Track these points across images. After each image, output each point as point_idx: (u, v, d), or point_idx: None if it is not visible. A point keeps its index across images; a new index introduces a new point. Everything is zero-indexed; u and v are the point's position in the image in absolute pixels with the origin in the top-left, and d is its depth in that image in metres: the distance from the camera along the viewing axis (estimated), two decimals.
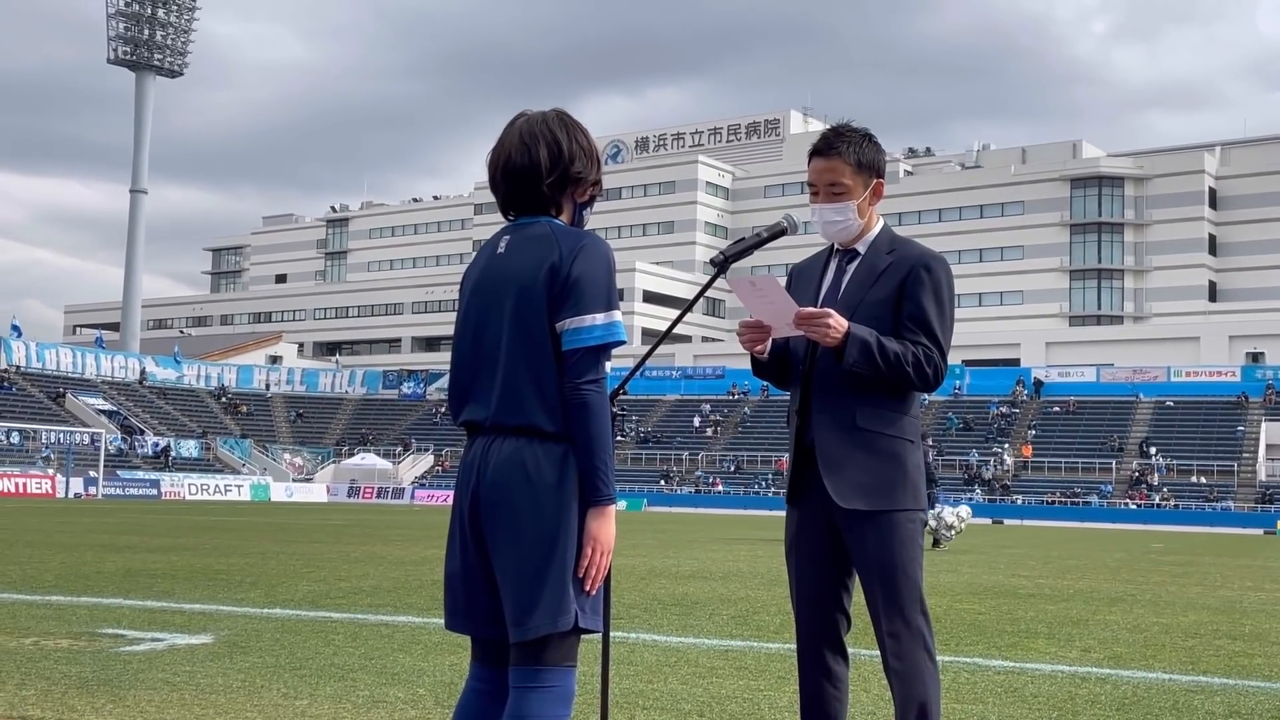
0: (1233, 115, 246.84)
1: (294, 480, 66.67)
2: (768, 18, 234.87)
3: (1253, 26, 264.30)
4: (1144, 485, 58.95)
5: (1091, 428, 65.06)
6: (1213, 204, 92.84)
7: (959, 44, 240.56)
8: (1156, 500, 57.63)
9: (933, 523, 22.20)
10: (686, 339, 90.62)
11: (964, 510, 23.15)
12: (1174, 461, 60.44)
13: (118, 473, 56.70)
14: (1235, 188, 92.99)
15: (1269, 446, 60.45)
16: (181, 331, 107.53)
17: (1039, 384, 69.06)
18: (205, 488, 57.60)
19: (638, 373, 4.25)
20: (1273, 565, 20.75)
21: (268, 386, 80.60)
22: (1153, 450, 61.26)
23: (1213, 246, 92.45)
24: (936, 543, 22.66)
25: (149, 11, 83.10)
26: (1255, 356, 73.37)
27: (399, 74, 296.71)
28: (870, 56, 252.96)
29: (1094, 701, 5.95)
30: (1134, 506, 56.80)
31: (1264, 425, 61.46)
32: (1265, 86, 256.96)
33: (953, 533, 22.82)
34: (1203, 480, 58.83)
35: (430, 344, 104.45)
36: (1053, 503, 58.34)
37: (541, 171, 3.04)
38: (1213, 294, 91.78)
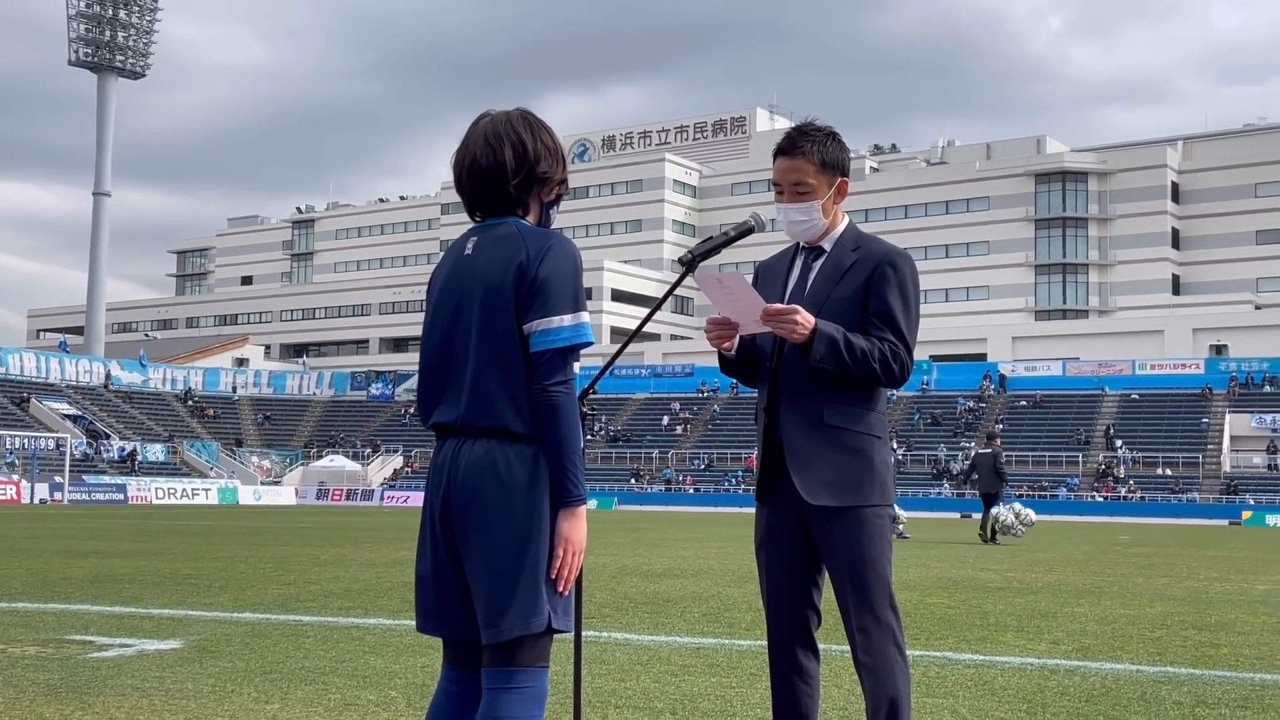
0: (1188, 110, 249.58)
1: (262, 483, 66.30)
2: (726, 15, 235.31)
3: (1206, 21, 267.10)
4: (1110, 478, 59.44)
5: (1058, 421, 65.53)
6: (1175, 198, 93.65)
7: (917, 41, 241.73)
8: (1123, 492, 58.11)
9: (1010, 518, 23.10)
10: (656, 337, 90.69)
11: (1028, 513, 23.66)
12: (1139, 454, 60.97)
13: (83, 478, 56.22)
14: (1197, 182, 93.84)
15: (1233, 438, 61.08)
16: (146, 335, 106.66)
17: (1005, 378, 69.51)
18: (172, 492, 57.18)
19: (607, 372, 4.26)
20: (1238, 556, 20.97)
21: (234, 389, 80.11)
22: (1118, 443, 61.77)
23: (1176, 240, 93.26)
24: (994, 537, 23.27)
25: (110, 13, 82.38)
26: (1219, 349, 74.12)
27: (358, 74, 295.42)
28: (830, 54, 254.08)
29: (1063, 693, 6.00)
30: (1100, 499, 57.28)
31: (1228, 417, 62.09)
32: (1219, 80, 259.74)
33: (1014, 532, 23.52)
34: (1168, 472, 59.37)
35: (398, 345, 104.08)
36: (1020, 496, 58.68)
37: (507, 172, 3.03)
38: (1176, 287, 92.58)
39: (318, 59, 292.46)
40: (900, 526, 24.62)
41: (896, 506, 23.44)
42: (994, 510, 23.29)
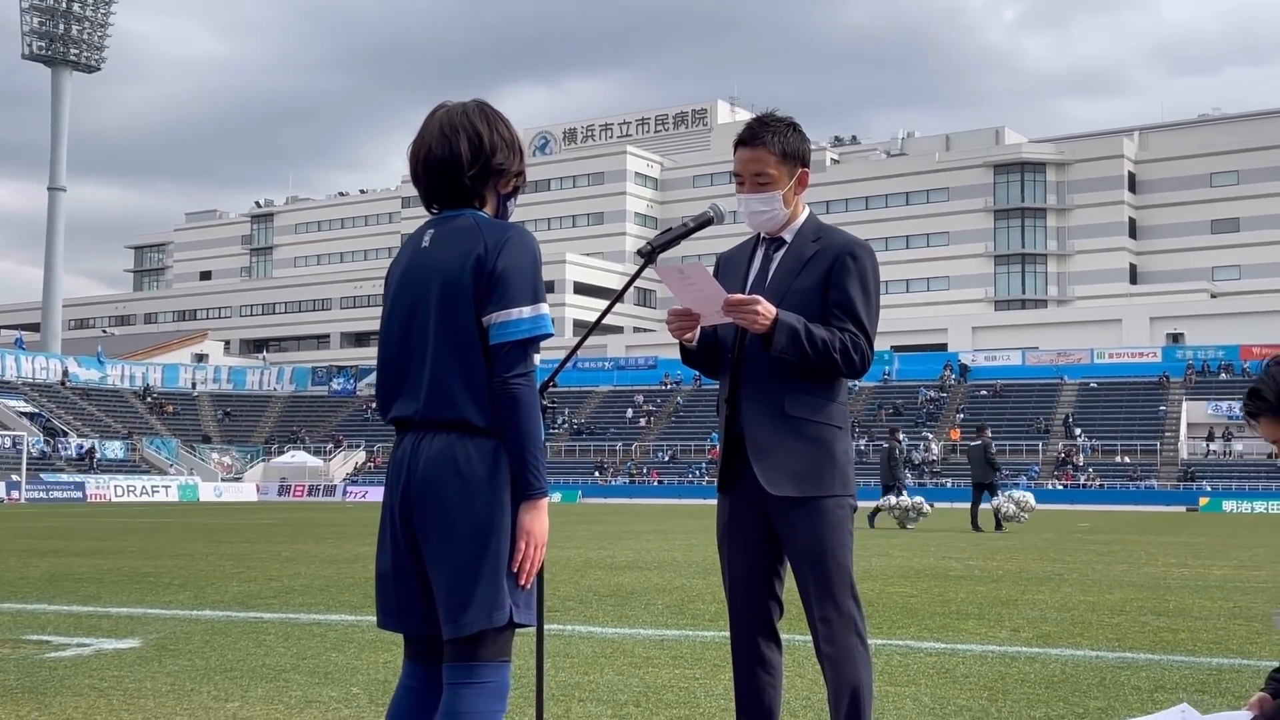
0: (1141, 101, 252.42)
1: (223, 480, 65.82)
2: (685, 8, 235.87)
3: (1158, 13, 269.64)
4: (1070, 466, 59.95)
5: (1018, 410, 66.03)
6: (1132, 188, 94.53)
7: (872, 34, 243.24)
8: (1082, 480, 58.62)
9: (1011, 507, 24.00)
10: (618, 330, 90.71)
11: (1027, 499, 24.71)
12: (1098, 442, 61.53)
13: (41, 476, 55.61)
14: (1153, 172, 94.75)
15: (1190, 425, 61.75)
16: (104, 331, 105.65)
17: (966, 368, 69.96)
18: (132, 489, 56.68)
19: (569, 364, 4.24)
20: (1195, 542, 21.20)
21: (194, 385, 79.49)
22: (1078, 431, 62.31)
23: (1133, 230, 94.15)
24: (998, 526, 24.11)
25: (64, 6, 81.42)
26: (1175, 337, 74.90)
27: (316, 68, 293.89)
28: (787, 47, 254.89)
29: (1024, 680, 6.04)
30: (1060, 487, 57.74)
31: (1185, 404, 62.75)
32: (1171, 72, 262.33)
33: (1018, 519, 24.44)
34: (1127, 460, 59.95)
35: (360, 339, 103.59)
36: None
37: (463, 163, 3.01)
38: (1133, 277, 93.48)
39: (275, 53, 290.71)
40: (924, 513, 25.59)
41: (925, 502, 25.28)
42: (995, 501, 24.24)
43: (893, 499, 25.34)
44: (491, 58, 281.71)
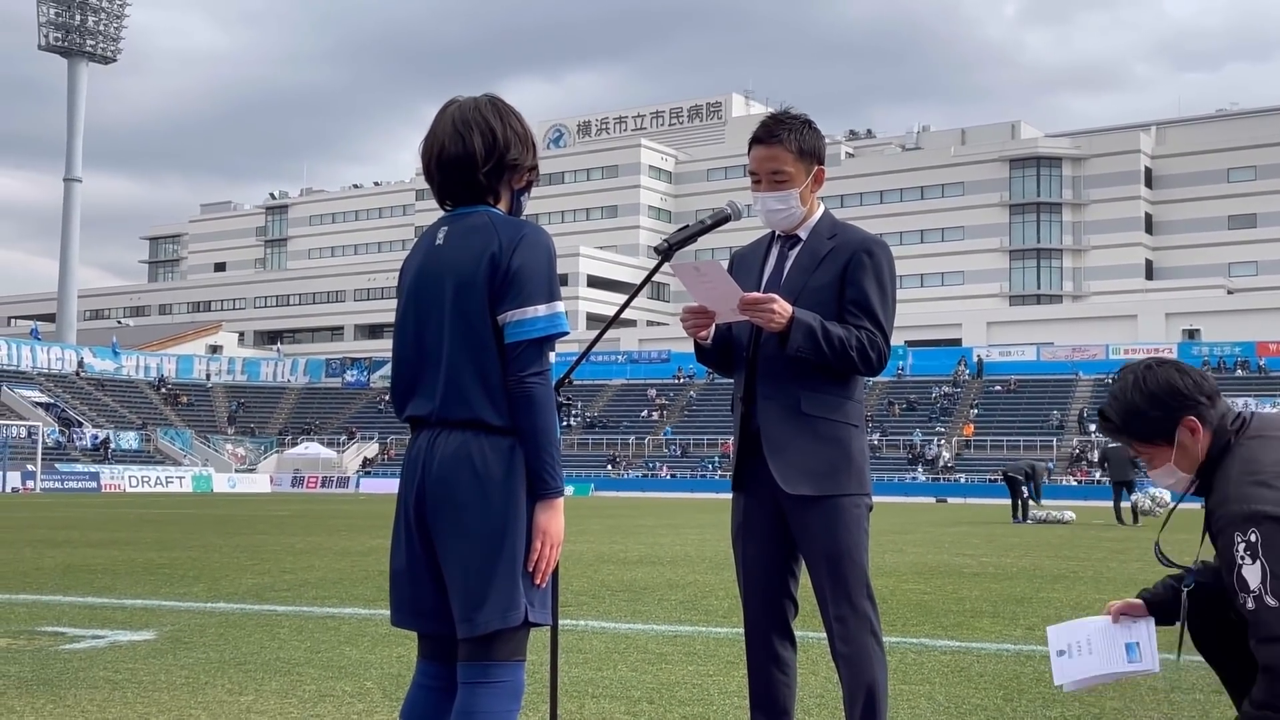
0: (1144, 97, 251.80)
1: (237, 471, 66.03)
2: (685, 2, 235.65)
3: (1160, 8, 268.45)
4: (1084, 462, 59.75)
5: (1032, 406, 65.84)
6: (1148, 183, 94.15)
7: (872, 28, 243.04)
8: (1097, 476, 58.41)
9: (1148, 503, 25.53)
10: (632, 324, 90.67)
11: (1163, 495, 25.86)
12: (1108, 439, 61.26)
13: (56, 466, 55.88)
14: (1170, 167, 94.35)
15: None
16: (119, 322, 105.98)
17: (980, 363, 69.77)
18: (146, 480, 56.90)
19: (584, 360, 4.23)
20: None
21: (208, 376, 79.74)
22: (1092, 427, 62.10)
23: (1149, 225, 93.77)
24: (1135, 520, 25.72)
25: None
26: (1191, 333, 74.60)
27: (317, 61, 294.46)
28: (786, 41, 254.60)
29: (1039, 679, 6.02)
30: (1075, 483, 57.56)
31: None
32: (1175, 67, 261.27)
33: (1153, 513, 25.74)
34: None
35: (373, 331, 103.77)
36: (994, 481, 58.92)
37: (477, 160, 2.99)
38: (1149, 272, 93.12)
39: (276, 45, 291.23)
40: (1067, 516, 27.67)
41: (1149, 492, 26.43)
42: (1134, 496, 25.94)
43: (1140, 496, 26.67)
44: (492, 51, 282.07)
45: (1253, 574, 2.92)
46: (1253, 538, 2.94)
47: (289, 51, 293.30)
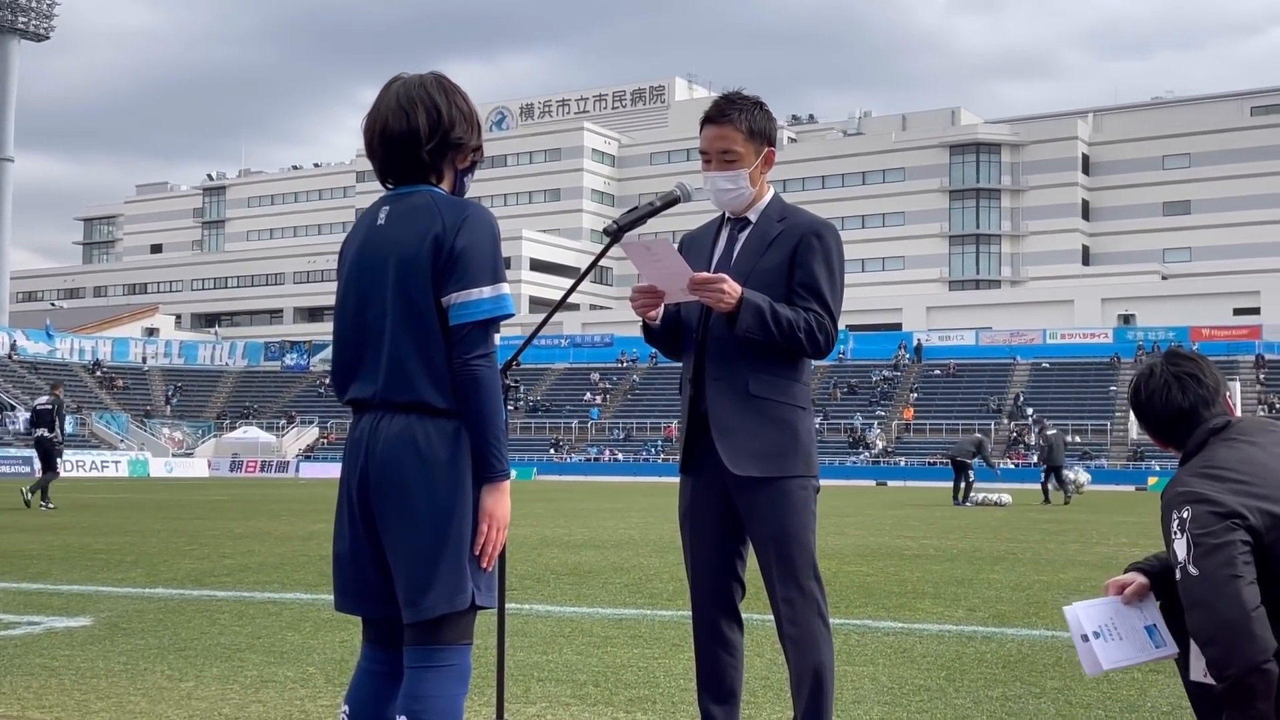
0: (1073, 84, 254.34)
1: (174, 455, 65.18)
2: None
3: None
4: (1021, 445, 60.48)
5: (971, 390, 66.52)
6: (1085, 170, 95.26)
7: (806, 13, 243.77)
8: (1034, 459, 59.14)
9: (1074, 478, 29.23)
10: (575, 308, 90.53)
11: (1087, 476, 30.44)
12: (1050, 421, 62.07)
13: None
14: (1107, 154, 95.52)
15: None
16: (53, 304, 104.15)
17: (920, 348, 70.37)
18: (81, 464, 56.02)
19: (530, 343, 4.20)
20: (1146, 521, 21.44)
21: (144, 359, 78.63)
22: (1029, 411, 62.88)
23: (1086, 211, 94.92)
24: (1067, 500, 28.67)
25: None
26: (1126, 318, 75.69)
27: (247, 40, 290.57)
28: (723, 26, 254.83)
29: (981, 660, 6.08)
30: (1012, 466, 58.25)
31: None
32: (1105, 55, 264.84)
33: (1081, 490, 29.80)
34: (1078, 439, 60.55)
35: (313, 314, 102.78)
36: (934, 464, 59.57)
37: (421, 138, 2.94)
38: (1086, 258, 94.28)
39: (204, 23, 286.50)
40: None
41: (1079, 470, 30.17)
42: (1066, 474, 29.19)
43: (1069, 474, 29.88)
44: (425, 32, 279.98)
45: (1181, 547, 3.14)
46: (1185, 514, 3.17)
47: (221, 30, 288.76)
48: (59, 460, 21.16)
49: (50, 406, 21.21)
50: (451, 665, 2.84)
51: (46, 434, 20.76)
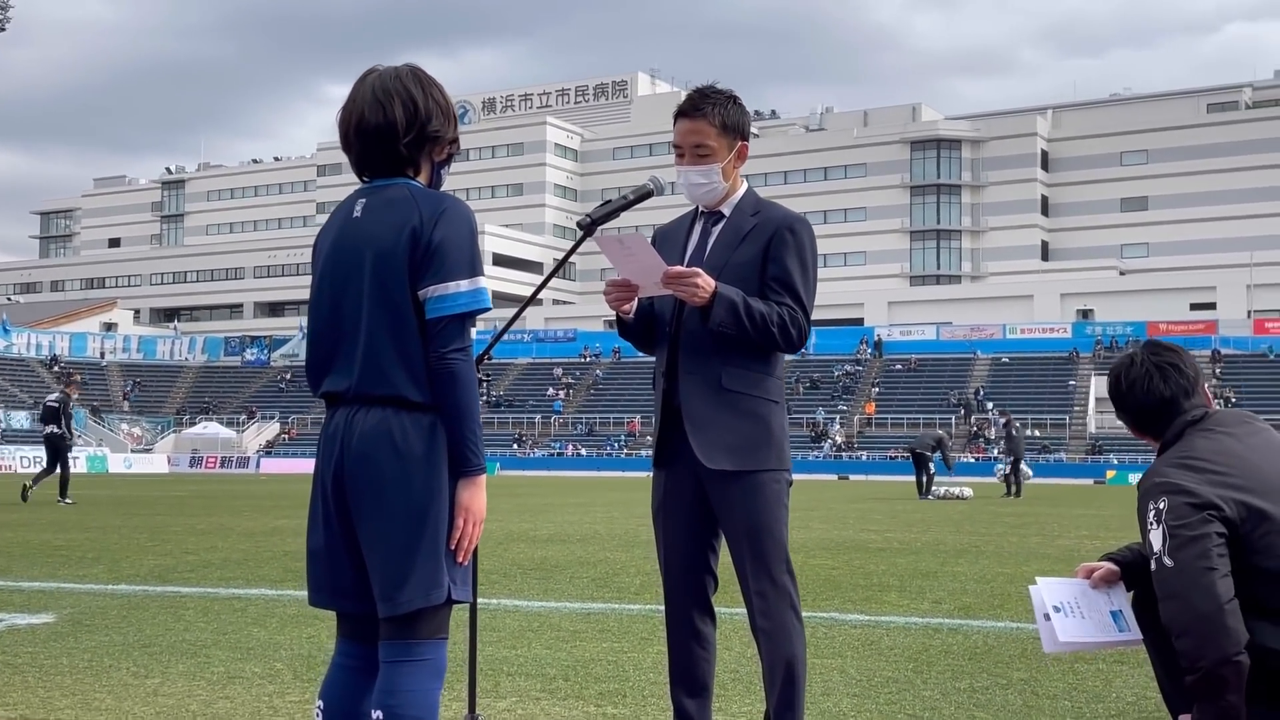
0: (1030, 81, 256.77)
1: (133, 451, 64.60)
2: None
3: None
4: (981, 439, 60.90)
5: (932, 384, 66.94)
6: (1045, 166, 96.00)
7: (763, 9, 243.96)
8: (994, 453, 59.55)
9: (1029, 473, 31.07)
10: (539, 303, 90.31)
11: (1027, 471, 32.10)
12: (1010, 415, 62.51)
13: None
14: (1066, 150, 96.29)
15: (1098, 399, 63.00)
16: (9, 299, 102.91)
17: (881, 343, 70.74)
18: (38, 460, 55.30)
19: (499, 338, 4.19)
20: (1105, 514, 21.66)
21: (102, 355, 77.85)
22: (989, 405, 63.31)
23: (1045, 207, 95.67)
24: (1008, 492, 30.01)
25: None
26: (1085, 313, 76.41)
27: (199, 32, 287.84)
28: (684, 23, 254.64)
29: (947, 651, 6.12)
30: (972, 460, 58.64)
31: (1093, 379, 63.98)
32: (1060, 53, 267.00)
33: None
34: (1037, 433, 61.02)
35: (274, 309, 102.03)
36: (895, 458, 59.87)
37: (398, 130, 2.92)
38: (1045, 253, 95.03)
39: (163, 15, 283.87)
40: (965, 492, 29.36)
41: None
42: (1022, 467, 30.62)
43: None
44: (384, 25, 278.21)
45: (1156, 538, 3.16)
46: (1161, 505, 3.19)
47: (179, 22, 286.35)
48: (70, 456, 21.30)
49: (58, 405, 21.13)
50: (427, 660, 2.84)
51: (55, 430, 20.80)
